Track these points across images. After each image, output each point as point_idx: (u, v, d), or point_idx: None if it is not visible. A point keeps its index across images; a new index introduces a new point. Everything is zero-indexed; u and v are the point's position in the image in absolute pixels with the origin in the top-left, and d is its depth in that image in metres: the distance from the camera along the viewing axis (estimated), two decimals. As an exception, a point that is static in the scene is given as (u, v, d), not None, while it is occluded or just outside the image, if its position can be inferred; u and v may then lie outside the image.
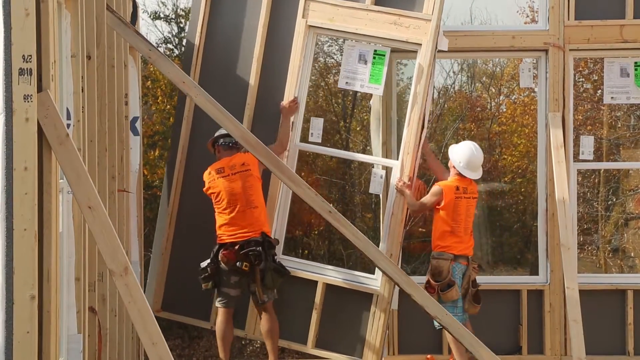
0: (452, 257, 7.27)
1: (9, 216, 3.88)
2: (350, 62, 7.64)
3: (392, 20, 7.41)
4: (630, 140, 15.68)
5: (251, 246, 6.90)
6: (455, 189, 7.34)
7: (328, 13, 7.54)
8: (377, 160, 8.13)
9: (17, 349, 3.86)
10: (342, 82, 7.77)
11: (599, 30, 8.01)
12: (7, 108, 3.89)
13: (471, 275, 7.35)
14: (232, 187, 7.03)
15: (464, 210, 7.35)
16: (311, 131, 7.92)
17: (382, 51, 7.58)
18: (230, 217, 7.01)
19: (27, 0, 3.90)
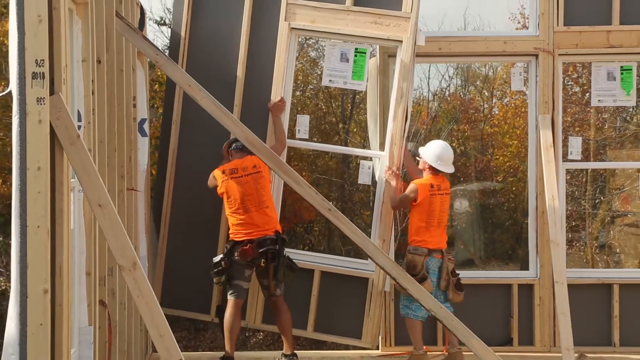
0: (426, 252, 7.31)
1: (22, 214, 3.88)
2: (332, 60, 7.77)
3: (372, 19, 7.53)
4: (616, 141, 15.69)
5: (267, 244, 7.02)
6: (430, 186, 7.38)
7: (310, 15, 7.61)
8: (365, 153, 8.20)
9: (30, 340, 3.86)
10: (326, 80, 7.97)
11: (587, 36, 8.02)
12: (21, 110, 3.90)
13: (448, 267, 7.38)
14: (244, 188, 7.10)
15: (438, 206, 7.40)
16: (298, 128, 8.01)
17: (363, 49, 7.73)
18: (245, 216, 7.09)
19: (40, 7, 3.90)
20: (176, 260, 7.75)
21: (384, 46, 7.86)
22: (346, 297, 7.69)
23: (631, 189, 14.38)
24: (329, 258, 8.09)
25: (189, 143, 7.78)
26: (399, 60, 7.55)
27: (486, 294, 7.99)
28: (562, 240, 7.84)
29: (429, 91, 17.25)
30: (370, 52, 7.99)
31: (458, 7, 15.14)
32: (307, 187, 6.43)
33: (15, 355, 3.87)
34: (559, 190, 7.94)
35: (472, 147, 16.73)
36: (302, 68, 15.85)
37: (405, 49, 7.51)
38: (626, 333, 8.01)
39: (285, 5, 7.61)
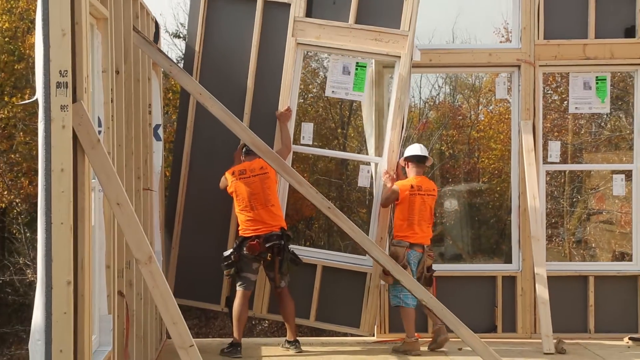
0: (407, 245, 7.31)
1: (47, 212, 3.89)
2: (335, 73, 7.78)
3: (373, 36, 7.55)
4: (591, 145, 15.72)
5: (273, 239, 7.05)
6: (410, 187, 7.38)
7: (315, 31, 7.62)
8: (366, 158, 8.23)
9: (55, 328, 3.87)
10: (329, 91, 8.01)
11: (565, 49, 8.02)
12: (46, 117, 3.90)
13: (426, 262, 7.39)
14: (251, 188, 7.13)
15: (418, 205, 7.38)
16: (302, 134, 8.03)
17: (364, 63, 7.74)
18: (253, 214, 7.12)
19: (64, 22, 3.91)
20: (189, 254, 7.75)
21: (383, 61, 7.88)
22: (346, 290, 7.71)
23: (605, 189, 14.40)
24: (331, 254, 8.12)
25: (201, 147, 7.79)
26: (397, 74, 7.57)
27: (473, 285, 8.00)
28: (542, 236, 7.84)
29: (420, 99, 17.28)
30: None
31: (447, 22, 15.20)
32: (308, 187, 6.44)
33: (42, 341, 3.88)
34: (540, 190, 7.94)
35: (460, 150, 16.75)
36: (304, 78, 15.87)
37: (403, 64, 7.54)
38: (601, 321, 8.01)
39: (292, 22, 7.62)
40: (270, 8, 7.70)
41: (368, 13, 7.63)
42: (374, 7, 7.65)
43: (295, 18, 7.63)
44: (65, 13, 3.91)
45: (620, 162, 13.74)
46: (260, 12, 7.69)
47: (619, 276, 8.12)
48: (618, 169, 11.06)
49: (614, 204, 14.40)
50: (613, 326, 8.00)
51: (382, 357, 7.17)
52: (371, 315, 7.69)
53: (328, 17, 7.63)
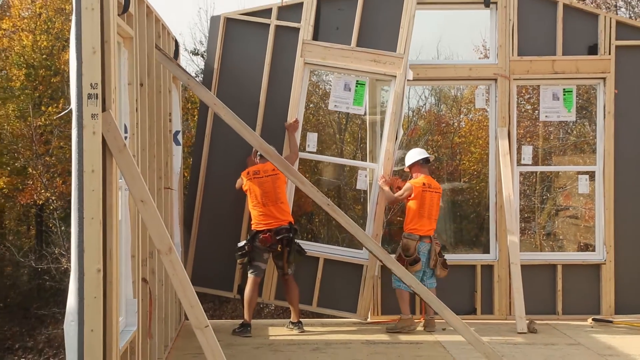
0: (417, 238, 7.39)
1: (80, 208, 3.89)
2: (337, 89, 7.84)
3: (372, 58, 7.61)
4: (559, 149, 15.72)
5: (283, 233, 7.12)
6: (422, 184, 7.47)
7: (321, 53, 7.66)
8: (364, 164, 8.24)
9: (87, 310, 3.88)
10: (332, 105, 8.07)
11: (536, 64, 8.02)
12: (79, 124, 3.91)
13: (436, 249, 7.44)
14: (264, 186, 7.18)
15: (428, 201, 7.46)
16: (308, 143, 8.05)
17: (363, 81, 7.83)
18: (264, 209, 7.17)
19: (94, 41, 3.91)
20: (205, 247, 7.75)
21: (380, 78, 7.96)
22: (344, 280, 7.74)
23: (572, 187, 14.40)
24: (332, 248, 8.17)
25: (218, 152, 7.80)
26: (393, 92, 7.63)
27: (455, 273, 7.98)
28: (517, 229, 7.84)
29: (408, 108, 17.27)
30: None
31: (432, 40, 15.18)
32: (310, 186, 6.43)
33: (75, 322, 3.88)
34: (514, 189, 7.95)
35: (444, 154, 16.74)
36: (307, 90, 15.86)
37: (399, 82, 7.59)
38: (567, 304, 8.02)
39: (301, 44, 7.65)
40: (281, 31, 7.74)
41: (368, 37, 7.68)
42: (373, 33, 7.70)
43: (303, 41, 7.65)
44: (96, 33, 3.91)
45: (585, 164, 13.73)
46: (272, 35, 7.72)
47: (583, 265, 8.12)
48: (583, 170, 11.03)
49: (579, 201, 14.39)
50: (578, 309, 8.00)
51: (375, 335, 7.21)
52: (367, 301, 7.70)
53: (332, 41, 7.67)
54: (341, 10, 7.69)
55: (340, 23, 7.70)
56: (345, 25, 7.68)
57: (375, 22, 7.69)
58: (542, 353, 6.55)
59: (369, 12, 7.69)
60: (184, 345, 6.77)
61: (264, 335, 7.20)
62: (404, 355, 6.47)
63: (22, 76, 20.16)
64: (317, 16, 7.68)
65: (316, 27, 7.68)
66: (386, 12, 7.69)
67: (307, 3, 7.68)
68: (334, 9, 7.71)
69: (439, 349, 6.68)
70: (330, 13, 7.71)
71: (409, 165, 7.67)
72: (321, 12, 7.70)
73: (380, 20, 7.70)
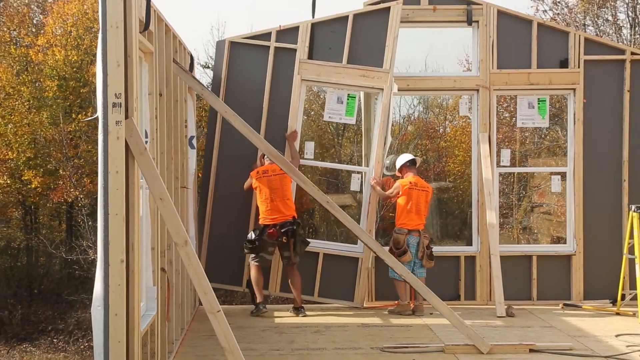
0: (406, 232, 7.41)
1: (105, 205, 3.89)
2: (331, 102, 7.89)
3: (361, 73, 7.66)
4: (534, 152, 15.73)
5: (287, 226, 7.18)
6: (409, 183, 7.51)
7: (316, 70, 7.70)
8: (356, 169, 8.28)
9: (111, 296, 3.87)
10: (326, 116, 8.19)
11: (514, 76, 8.02)
12: (104, 130, 3.90)
13: (424, 242, 7.44)
14: (272, 184, 7.22)
15: (415, 198, 7.48)
16: (306, 151, 8.06)
17: (353, 94, 7.90)
18: (272, 205, 7.21)
19: (118, 55, 3.91)
20: (216, 246, 7.73)
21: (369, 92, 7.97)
22: (342, 272, 7.75)
23: (545, 187, 14.40)
24: (330, 244, 8.23)
25: (226, 155, 7.80)
26: (381, 103, 7.66)
27: (441, 263, 7.97)
28: (496, 224, 7.83)
29: (400, 116, 17.28)
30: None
31: (421, 54, 15.14)
32: (311, 185, 6.43)
33: (101, 307, 3.88)
34: (494, 188, 7.94)
35: (431, 156, 16.75)
36: (308, 99, 15.87)
37: (385, 95, 7.62)
38: (541, 291, 8.01)
39: (298, 63, 7.68)
40: (280, 52, 7.78)
41: (357, 55, 7.74)
42: (362, 51, 7.75)
43: (300, 60, 7.69)
44: (120, 48, 3.91)
45: (557, 165, 13.72)
46: (272, 56, 7.76)
47: (556, 255, 8.11)
48: (555, 171, 11.01)
49: (552, 198, 14.39)
50: (551, 295, 7.99)
51: (370, 319, 7.20)
52: (362, 290, 7.69)
53: (326, 59, 7.71)
54: (333, 32, 7.75)
55: (332, 43, 7.75)
56: (337, 45, 7.74)
57: (363, 41, 7.75)
58: (518, 334, 6.55)
59: (358, 33, 7.75)
60: (199, 327, 6.76)
61: (270, 319, 7.20)
62: (395, 336, 6.46)
63: (55, 87, 20.18)
64: (312, 38, 7.73)
65: (311, 48, 7.73)
66: (373, 33, 7.74)
67: (302, 26, 7.73)
68: (327, 31, 7.77)
69: (427, 331, 6.68)
70: (323, 35, 7.76)
71: (399, 168, 7.69)
72: (315, 34, 7.74)
73: (367, 40, 7.74)
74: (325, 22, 7.79)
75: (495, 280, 7.48)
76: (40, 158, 20.27)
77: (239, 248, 7.41)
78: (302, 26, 7.72)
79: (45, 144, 20.22)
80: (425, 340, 6.29)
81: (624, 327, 6.79)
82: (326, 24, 7.77)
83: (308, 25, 7.73)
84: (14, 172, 20.44)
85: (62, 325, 17.84)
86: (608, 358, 5.73)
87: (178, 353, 5.87)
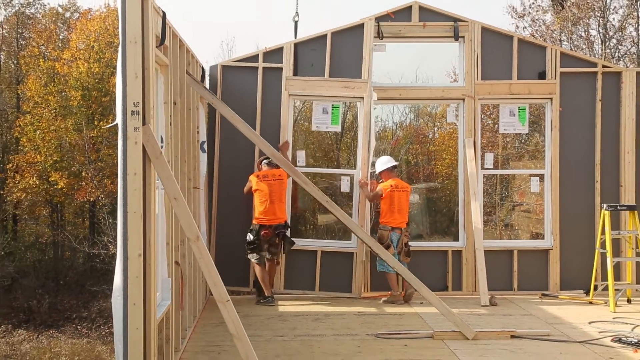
0: (389, 229, 7.45)
1: (124, 204, 3.89)
2: (317, 113, 7.97)
3: (343, 85, 7.75)
4: (515, 156, 15.71)
5: (280, 229, 7.26)
6: (390, 186, 7.55)
7: (301, 85, 7.78)
8: (345, 172, 8.34)
9: (130, 287, 3.87)
10: (314, 126, 8.26)
11: (496, 87, 8.02)
12: (124, 136, 3.90)
13: (403, 240, 7.48)
14: (272, 188, 7.24)
15: (397, 199, 7.53)
16: (297, 159, 8.09)
17: (337, 104, 7.97)
18: (269, 207, 7.23)
19: (137, 68, 3.91)
20: (223, 250, 7.72)
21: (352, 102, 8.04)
22: (339, 266, 7.77)
23: (525, 187, 14.37)
24: (326, 242, 8.37)
25: (225, 159, 7.84)
26: (362, 111, 7.74)
27: (431, 257, 7.99)
28: (481, 222, 7.82)
29: (392, 122, 17.27)
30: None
31: (412, 67, 15.14)
32: (312, 185, 6.43)
33: (121, 297, 3.87)
34: (478, 188, 7.94)
35: (421, 160, 16.73)
36: (310, 106, 15.86)
37: (366, 103, 7.68)
38: (522, 282, 8.00)
39: (284, 80, 7.78)
40: (267, 71, 7.86)
41: (337, 69, 7.82)
42: (341, 65, 7.83)
43: (286, 77, 7.77)
44: (138, 61, 3.91)
45: (536, 168, 13.65)
46: (260, 75, 7.84)
47: (535, 250, 8.10)
48: (534, 173, 10.98)
49: (532, 198, 14.36)
50: (530, 286, 7.99)
51: (366, 307, 7.19)
52: (359, 282, 7.69)
53: (309, 75, 7.80)
54: (314, 50, 7.81)
55: (314, 60, 7.81)
56: (319, 61, 7.80)
57: (342, 56, 7.81)
58: (501, 322, 6.54)
59: (336, 49, 7.81)
60: (209, 315, 6.76)
61: (274, 308, 7.19)
62: (388, 323, 6.46)
63: (79, 96, 20.20)
64: (295, 56, 7.79)
65: (295, 65, 7.79)
66: (350, 48, 7.81)
67: (286, 47, 7.81)
68: (308, 49, 7.83)
69: (418, 319, 6.67)
70: (306, 53, 7.82)
71: (379, 172, 7.71)
72: (298, 53, 7.80)
73: (346, 55, 7.81)
74: (306, 41, 7.87)
75: (479, 273, 7.48)
76: (65, 161, 20.29)
77: (243, 250, 7.42)
78: (286, 47, 7.80)
79: (70, 149, 20.24)
80: (416, 327, 6.29)
81: (597, 315, 6.78)
82: (307, 43, 7.85)
83: (291, 45, 7.81)
84: (42, 174, 20.46)
85: (86, 314, 17.83)
86: (582, 343, 5.73)
87: (190, 339, 5.87)
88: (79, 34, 21.36)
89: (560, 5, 19.57)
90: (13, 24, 23.22)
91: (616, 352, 5.44)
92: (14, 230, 22.30)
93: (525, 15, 20.45)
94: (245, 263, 7.63)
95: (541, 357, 5.33)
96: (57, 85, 20.82)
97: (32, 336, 16.32)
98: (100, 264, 18.52)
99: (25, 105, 21.45)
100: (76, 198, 19.91)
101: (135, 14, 3.87)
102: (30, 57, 22.02)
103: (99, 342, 16.01)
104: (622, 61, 19.29)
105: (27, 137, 20.22)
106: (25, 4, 23.66)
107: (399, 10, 7.93)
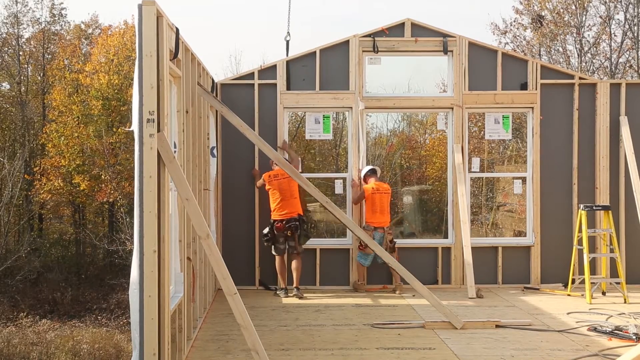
0: (372, 229, 7.47)
1: (141, 204, 3.88)
2: (310, 123, 8.03)
3: (332, 96, 7.83)
4: (500, 160, 15.71)
5: (292, 222, 7.27)
6: (372, 188, 7.57)
7: (294, 98, 7.84)
8: (337, 175, 8.35)
9: (145, 280, 3.86)
10: (308, 135, 8.27)
11: (482, 97, 8.02)
12: (140, 142, 3.90)
13: (387, 237, 7.51)
14: (282, 186, 7.28)
15: (378, 200, 7.56)
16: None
17: (328, 115, 8.04)
18: (282, 203, 7.27)
19: (152, 79, 3.91)
20: (229, 252, 7.65)
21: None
22: (337, 262, 7.78)
23: (509, 189, 14.35)
24: (324, 240, 8.36)
25: (230, 164, 7.81)
26: (350, 119, 7.82)
27: (422, 253, 7.98)
28: (468, 221, 7.81)
29: (387, 130, 17.26)
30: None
31: (404, 78, 15.15)
32: (312, 187, 6.42)
33: (137, 289, 3.87)
34: (466, 190, 7.92)
35: (414, 163, 16.72)
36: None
37: (355, 112, 7.77)
38: (506, 276, 7.98)
39: (279, 94, 7.83)
40: (262, 87, 7.89)
41: (327, 82, 7.87)
42: (331, 79, 7.87)
43: (280, 92, 7.82)
44: (153, 73, 3.91)
45: (519, 171, 13.68)
46: (257, 91, 7.87)
47: (517, 247, 8.10)
48: (517, 176, 10.96)
49: (514, 199, 14.34)
50: (513, 279, 7.98)
51: (362, 300, 7.18)
52: (354, 275, 7.68)
53: (301, 89, 7.84)
54: (304, 66, 7.86)
55: (305, 75, 7.85)
56: (309, 76, 7.85)
57: (331, 70, 7.86)
58: (486, 312, 6.53)
59: (325, 64, 7.85)
60: (219, 307, 6.74)
61: (278, 300, 7.18)
62: (383, 314, 6.44)
63: (99, 106, 20.23)
64: (288, 73, 7.82)
65: (288, 80, 7.84)
66: (338, 62, 7.85)
67: (279, 64, 7.85)
68: (299, 66, 7.88)
69: (410, 310, 6.66)
70: (297, 69, 7.86)
71: (363, 176, 7.75)
72: (290, 69, 7.84)
73: (334, 69, 7.86)
74: (297, 58, 7.90)
75: (467, 267, 7.47)
76: (87, 165, 20.31)
77: (249, 253, 7.40)
78: (279, 64, 7.85)
79: (91, 153, 20.26)
80: (408, 317, 6.28)
81: (574, 306, 6.77)
82: (298, 60, 7.89)
83: (284, 62, 7.86)
84: (65, 177, 20.49)
85: (105, 305, 17.82)
86: (561, 332, 5.72)
87: (201, 329, 5.86)
88: (100, 49, 21.41)
89: (539, 22, 19.59)
90: (40, 40, 23.26)
91: (592, 340, 5.43)
92: (40, 228, 22.31)
93: (507, 32, 20.47)
94: (251, 265, 7.65)
95: (523, 345, 5.32)
96: (80, 96, 20.85)
97: (57, 325, 16.31)
98: (118, 259, 18.51)
99: (51, 114, 21.49)
100: (96, 199, 19.92)
101: (151, 30, 3.87)
102: (56, 69, 22.06)
103: (117, 331, 15.98)
104: (596, 74, 19.32)
105: (52, 143, 20.26)
106: (51, 21, 23.71)
107: (393, 27, 7.93)
